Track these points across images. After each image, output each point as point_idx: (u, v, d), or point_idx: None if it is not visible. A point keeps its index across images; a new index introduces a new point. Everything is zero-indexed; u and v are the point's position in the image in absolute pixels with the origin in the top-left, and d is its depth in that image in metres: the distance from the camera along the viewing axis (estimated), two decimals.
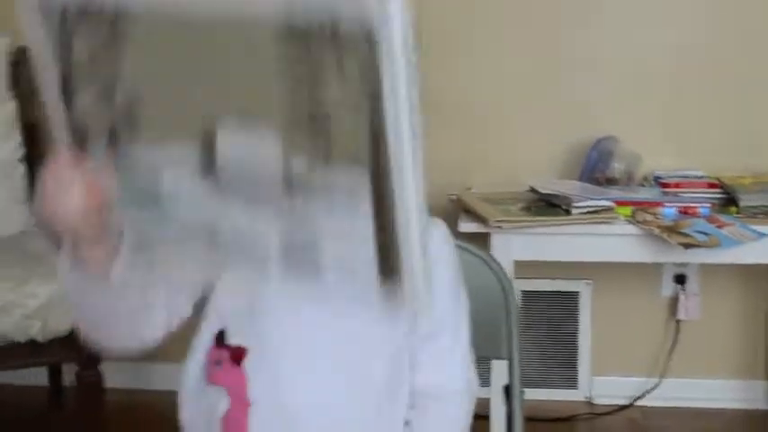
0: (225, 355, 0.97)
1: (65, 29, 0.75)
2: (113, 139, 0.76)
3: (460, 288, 1.08)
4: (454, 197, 2.37)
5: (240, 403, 0.97)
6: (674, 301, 2.64)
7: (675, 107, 2.58)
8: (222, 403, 0.98)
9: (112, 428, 2.17)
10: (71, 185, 0.76)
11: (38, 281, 2.01)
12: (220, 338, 0.99)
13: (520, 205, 2.26)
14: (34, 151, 2.55)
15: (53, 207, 0.78)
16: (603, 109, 2.58)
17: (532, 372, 2.67)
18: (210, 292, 0.99)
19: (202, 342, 1.01)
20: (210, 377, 0.99)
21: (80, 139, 0.77)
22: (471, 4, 2.52)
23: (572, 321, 2.68)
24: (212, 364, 0.99)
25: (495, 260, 1.38)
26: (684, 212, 2.21)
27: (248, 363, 0.96)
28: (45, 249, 2.26)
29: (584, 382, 2.70)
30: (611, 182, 2.43)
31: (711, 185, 2.37)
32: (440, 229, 1.07)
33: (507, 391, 1.34)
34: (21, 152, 2.50)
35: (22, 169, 2.49)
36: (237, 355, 0.97)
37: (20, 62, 2.59)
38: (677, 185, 2.38)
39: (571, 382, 2.71)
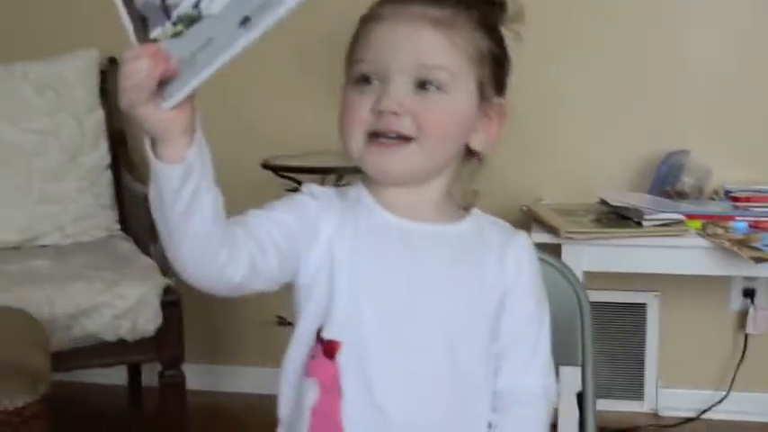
0: (318, 348, 1.01)
1: None
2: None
3: (543, 296, 1.11)
4: (525, 208, 2.40)
5: (331, 396, 1.00)
6: (743, 315, 2.63)
7: (746, 121, 2.58)
8: (313, 394, 1.01)
9: (192, 429, 2.21)
10: (139, 57, 0.82)
11: (127, 283, 2.08)
12: (320, 333, 1.02)
13: (591, 217, 2.28)
14: (120, 158, 2.64)
15: (127, 85, 0.82)
16: (675, 122, 2.59)
17: (599, 382, 2.63)
18: (300, 267, 1.02)
19: (300, 335, 1.04)
20: (306, 371, 1.03)
21: (143, 30, 0.85)
22: (551, 18, 2.54)
23: (640, 333, 2.68)
24: (309, 357, 1.02)
25: (570, 270, 1.40)
26: (755, 226, 2.21)
27: (341, 356, 1.00)
28: (132, 252, 2.35)
29: (651, 393, 2.70)
30: (680, 195, 2.44)
31: None
32: (526, 239, 1.11)
33: (580, 398, 1.36)
34: (108, 159, 2.60)
35: (108, 176, 2.59)
36: (331, 348, 1.00)
37: (108, 72, 2.70)
38: (748, 199, 2.38)
39: (637, 394, 2.70)
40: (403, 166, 1.01)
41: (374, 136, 1.00)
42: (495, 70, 1.06)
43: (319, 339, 1.02)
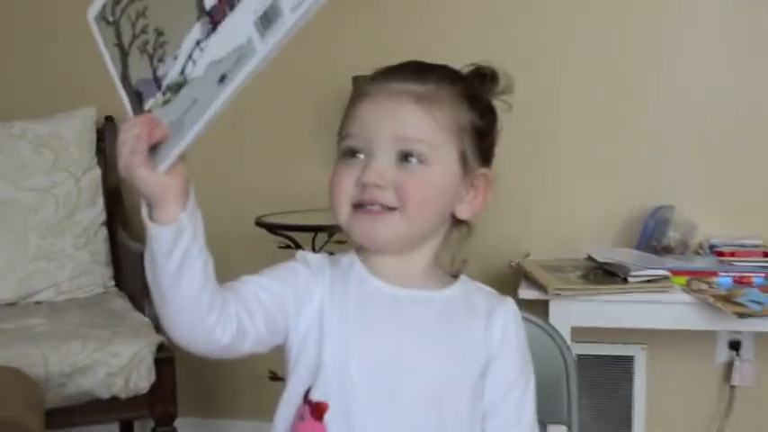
0: (306, 409, 1.03)
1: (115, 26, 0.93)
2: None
3: (528, 359, 1.13)
4: (514, 264, 2.43)
5: None
6: (729, 367, 2.64)
7: (732, 176, 2.61)
8: None
9: None
10: (135, 126, 0.88)
11: (121, 341, 2.08)
12: (307, 394, 1.04)
13: (578, 273, 2.30)
14: (116, 216, 2.66)
15: (124, 150, 0.88)
16: (661, 178, 2.63)
17: None
18: (288, 335, 1.05)
19: (289, 396, 1.06)
20: (294, 431, 1.04)
21: (138, 102, 0.92)
22: (539, 75, 2.59)
23: (627, 385, 2.69)
24: (297, 418, 1.04)
25: (555, 330, 1.42)
26: (739, 282, 2.23)
27: (329, 417, 1.01)
28: (127, 309, 2.35)
29: None
30: (667, 250, 2.46)
31: (766, 254, 2.39)
32: (512, 305, 1.13)
33: None
34: (103, 217, 2.61)
35: (104, 233, 2.60)
36: (319, 410, 1.02)
37: (105, 131, 2.73)
38: (732, 254, 2.40)
39: None
40: (388, 233, 1.04)
41: (359, 206, 1.03)
42: (478, 142, 1.08)
43: (307, 401, 1.03)
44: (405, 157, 1.02)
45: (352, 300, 1.05)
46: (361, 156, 1.03)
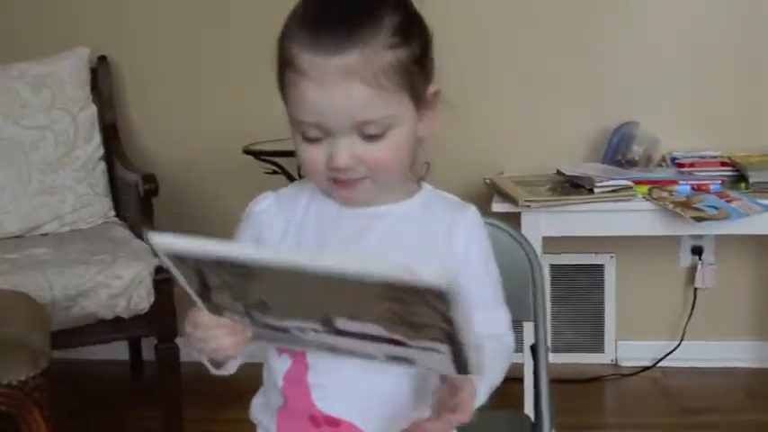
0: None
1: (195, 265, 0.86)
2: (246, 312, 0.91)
3: (492, 263, 1.11)
4: (488, 181, 2.43)
5: (300, 365, 1.03)
6: (692, 271, 2.68)
7: (692, 92, 2.61)
8: (286, 365, 1.05)
9: (187, 398, 2.21)
10: (214, 332, 0.92)
11: (122, 264, 2.10)
12: None
13: (547, 186, 2.31)
14: (113, 150, 2.65)
15: (207, 348, 0.93)
16: (625, 95, 2.62)
17: (563, 338, 2.73)
18: None
19: None
20: (280, 349, 1.06)
21: (217, 310, 0.92)
22: None
23: (598, 292, 2.73)
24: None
25: (520, 234, 1.42)
26: (697, 189, 2.24)
27: None
28: (126, 236, 2.36)
29: (610, 346, 2.75)
30: (631, 164, 2.47)
31: (723, 164, 2.40)
32: (474, 212, 1.10)
33: (533, 350, 1.39)
34: (101, 151, 2.60)
35: (102, 166, 2.59)
36: None
37: (98, 69, 2.70)
38: (692, 165, 2.41)
39: (598, 347, 2.75)
40: (364, 195, 1.03)
41: (334, 179, 1.01)
42: (420, 69, 1.02)
43: None
44: (366, 133, 0.98)
45: (310, 225, 1.06)
46: (323, 138, 0.99)
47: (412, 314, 0.80)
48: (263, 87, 2.72)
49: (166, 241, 0.81)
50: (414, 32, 1.01)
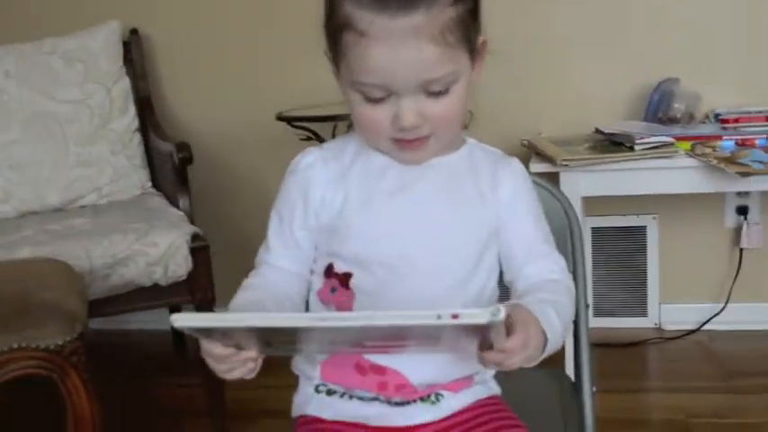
0: (335, 282, 1.05)
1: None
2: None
3: (540, 212, 1.12)
4: (526, 142, 2.39)
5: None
6: (737, 231, 2.61)
7: (734, 47, 2.53)
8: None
9: None
10: (228, 364, 0.91)
11: (158, 232, 2.10)
12: (328, 271, 1.06)
13: (586, 145, 2.26)
14: (147, 121, 2.66)
15: (221, 372, 0.93)
16: (665, 52, 2.55)
17: (606, 302, 2.69)
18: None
19: (317, 278, 1.09)
20: (326, 302, 1.07)
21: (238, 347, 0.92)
22: None
23: (641, 254, 2.68)
24: (327, 292, 1.06)
25: (561, 192, 1.40)
26: (742, 144, 2.18)
27: (354, 284, 1.04)
28: (163, 206, 2.37)
29: (654, 310, 2.70)
30: (673, 121, 2.41)
31: None
32: (517, 163, 1.11)
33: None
34: (136, 123, 2.61)
35: (138, 138, 2.60)
36: (345, 278, 1.04)
37: (130, 42, 2.70)
38: (736, 120, 2.34)
39: (641, 311, 2.71)
40: (428, 155, 1.04)
41: (398, 140, 1.01)
42: (474, 21, 1.01)
43: (333, 274, 1.05)
44: (431, 91, 0.97)
45: (356, 177, 1.06)
46: (387, 98, 0.98)
47: (448, 338, 0.86)
48: (294, 54, 2.72)
49: (190, 323, 0.82)
50: None
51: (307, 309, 1.09)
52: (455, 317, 0.76)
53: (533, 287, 1.04)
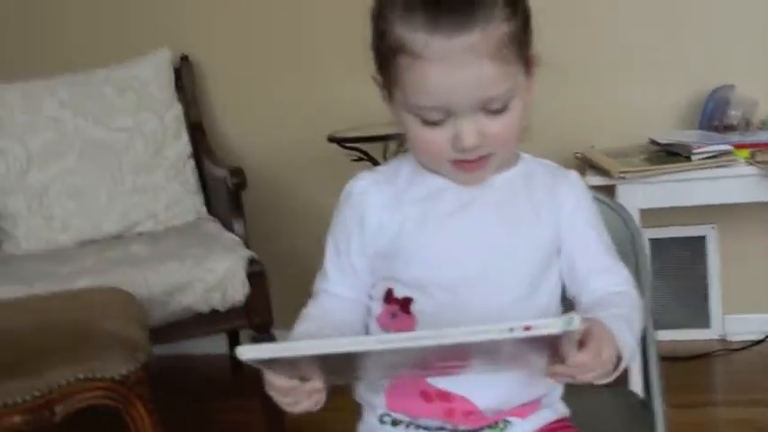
0: (395, 307, 1.03)
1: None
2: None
3: (601, 224, 1.10)
4: (580, 155, 2.36)
5: None
6: None
7: None
8: None
9: None
10: (292, 397, 0.91)
11: (215, 257, 2.11)
12: (388, 297, 1.04)
13: (642, 156, 2.23)
14: (200, 147, 2.68)
15: (286, 406, 0.92)
16: (718, 58, 2.51)
17: (667, 315, 2.63)
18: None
19: (376, 304, 1.07)
20: (386, 328, 1.05)
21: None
22: None
23: (701, 264, 2.62)
24: (388, 318, 1.04)
25: (620, 205, 1.37)
26: None
27: (415, 307, 1.02)
28: (218, 231, 2.38)
29: (717, 321, 2.64)
30: (729, 129, 2.36)
31: None
32: (576, 176, 1.10)
33: None
34: (189, 149, 2.63)
35: (192, 164, 2.63)
36: (406, 303, 1.03)
37: (181, 69, 2.73)
38: None
39: (704, 323, 2.65)
40: (488, 174, 1.02)
41: (459, 161, 0.99)
42: (526, 36, 0.99)
43: (392, 300, 1.04)
44: (490, 109, 0.96)
45: (413, 198, 1.04)
46: (444, 120, 0.96)
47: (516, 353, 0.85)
48: (343, 76, 2.73)
49: (257, 354, 0.82)
50: (520, 2, 0.99)
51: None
52: (528, 329, 0.75)
53: (600, 300, 1.01)
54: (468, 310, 1.00)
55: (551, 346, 0.82)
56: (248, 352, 0.81)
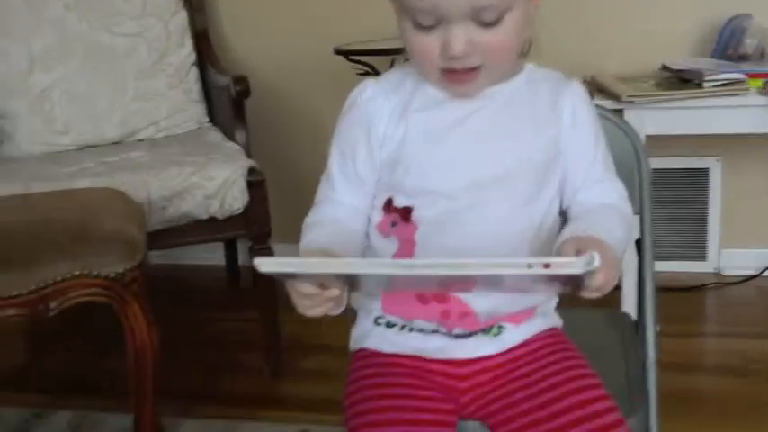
0: (396, 215, 1.03)
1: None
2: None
3: (601, 136, 1.08)
4: (590, 78, 2.31)
5: (408, 245, 1.02)
6: None
7: None
8: (393, 247, 1.03)
9: (284, 300, 2.22)
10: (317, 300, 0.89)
11: (215, 165, 2.08)
12: (388, 206, 1.04)
13: (652, 82, 2.18)
14: (204, 55, 2.63)
15: (304, 308, 0.91)
16: None
17: (664, 246, 2.62)
18: None
19: (375, 212, 1.06)
20: (386, 235, 1.04)
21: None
22: None
23: (702, 197, 2.60)
24: (388, 226, 1.03)
25: (628, 124, 1.34)
26: None
27: (416, 216, 1.01)
28: (219, 140, 2.35)
29: (713, 254, 2.62)
30: (743, 58, 2.30)
31: None
32: (578, 86, 1.08)
33: (638, 244, 1.31)
34: (193, 57, 2.58)
35: (195, 72, 2.58)
36: (406, 212, 1.02)
37: None
38: None
39: (700, 255, 2.63)
40: (478, 87, 1.01)
41: (448, 70, 0.98)
42: None
43: (393, 209, 1.03)
44: (482, 20, 0.94)
45: (417, 109, 1.03)
46: (437, 25, 0.95)
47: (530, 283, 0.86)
48: None
49: (277, 268, 0.81)
50: None
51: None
52: (547, 266, 0.75)
53: (587, 212, 1.01)
54: (468, 218, 1.00)
55: (567, 280, 0.82)
56: (268, 264, 0.79)
